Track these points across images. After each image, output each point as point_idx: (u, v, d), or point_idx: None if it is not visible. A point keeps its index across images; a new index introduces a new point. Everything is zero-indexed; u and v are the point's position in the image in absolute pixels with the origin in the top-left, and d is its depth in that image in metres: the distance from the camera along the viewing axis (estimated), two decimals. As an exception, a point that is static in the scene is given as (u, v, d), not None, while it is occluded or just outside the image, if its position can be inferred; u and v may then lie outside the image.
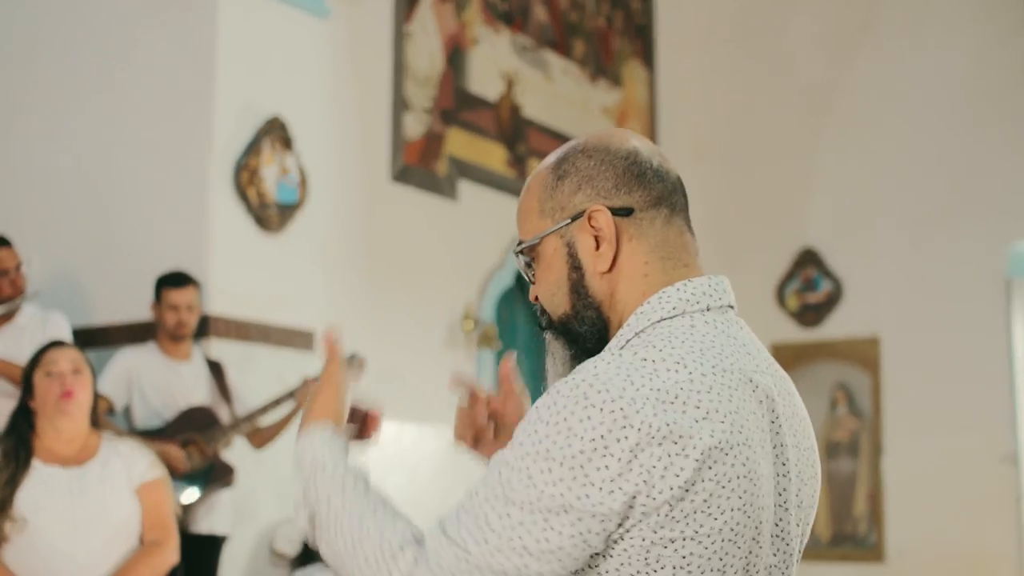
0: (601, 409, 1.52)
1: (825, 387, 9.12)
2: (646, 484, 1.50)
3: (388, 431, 6.84)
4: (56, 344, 4.13)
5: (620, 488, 1.51)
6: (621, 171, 1.72)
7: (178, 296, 5.51)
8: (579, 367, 1.61)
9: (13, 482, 3.84)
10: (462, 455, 2.22)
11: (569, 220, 1.72)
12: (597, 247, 1.71)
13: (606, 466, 1.51)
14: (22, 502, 3.81)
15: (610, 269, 1.71)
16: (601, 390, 1.53)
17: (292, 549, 6.11)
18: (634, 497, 1.51)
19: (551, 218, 1.74)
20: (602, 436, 1.51)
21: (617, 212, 1.71)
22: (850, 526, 9.05)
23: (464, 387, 2.05)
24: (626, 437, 1.51)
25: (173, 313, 5.50)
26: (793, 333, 9.36)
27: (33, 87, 6.70)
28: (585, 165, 1.73)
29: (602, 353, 1.66)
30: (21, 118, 6.71)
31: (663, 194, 1.73)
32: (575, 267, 1.73)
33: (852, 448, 9.09)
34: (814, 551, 8.55)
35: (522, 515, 1.53)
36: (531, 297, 1.81)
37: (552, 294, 1.76)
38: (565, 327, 1.76)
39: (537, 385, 1.76)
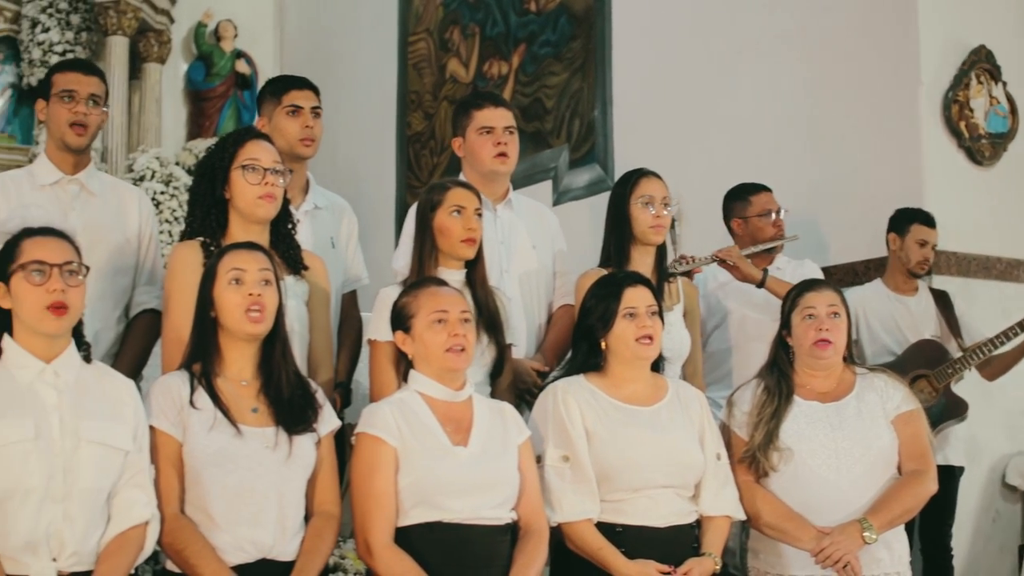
0: None
1: None
2: None
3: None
4: (815, 285, 4.08)
5: None
6: None
7: (931, 234, 5.49)
8: None
9: (777, 415, 3.91)
10: None
11: None
12: None
13: None
14: (786, 434, 3.88)
15: None
16: None
17: (1026, 483, 5.94)
18: None
19: None
20: None
21: None
22: None
23: None
24: None
25: (921, 250, 5.47)
26: None
27: (704, 51, 6.89)
28: None
29: None
30: (707, 67, 6.93)
31: None
32: None
33: None
34: None
35: None
36: None
37: None
38: None
39: None
